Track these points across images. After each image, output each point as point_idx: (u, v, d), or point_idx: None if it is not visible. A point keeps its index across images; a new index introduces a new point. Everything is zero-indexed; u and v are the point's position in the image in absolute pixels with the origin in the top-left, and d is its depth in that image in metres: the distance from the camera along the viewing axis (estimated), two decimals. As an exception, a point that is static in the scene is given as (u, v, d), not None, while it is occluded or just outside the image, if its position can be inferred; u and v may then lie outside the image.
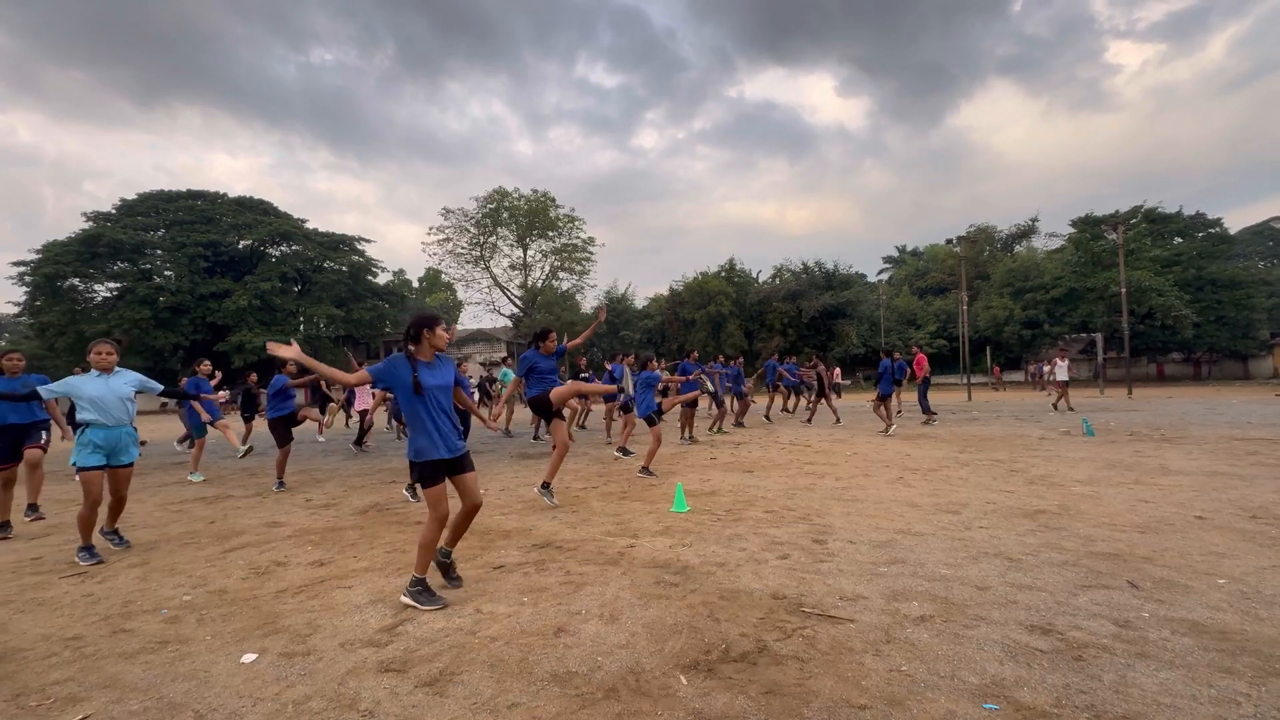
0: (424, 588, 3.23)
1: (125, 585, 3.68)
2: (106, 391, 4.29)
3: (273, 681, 2.40)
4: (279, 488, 7.01)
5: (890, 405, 11.25)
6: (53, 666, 2.60)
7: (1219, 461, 6.91)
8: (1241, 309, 35.23)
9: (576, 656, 2.53)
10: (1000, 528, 4.34)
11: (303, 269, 47.02)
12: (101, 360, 4.35)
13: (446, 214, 48.11)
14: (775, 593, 3.18)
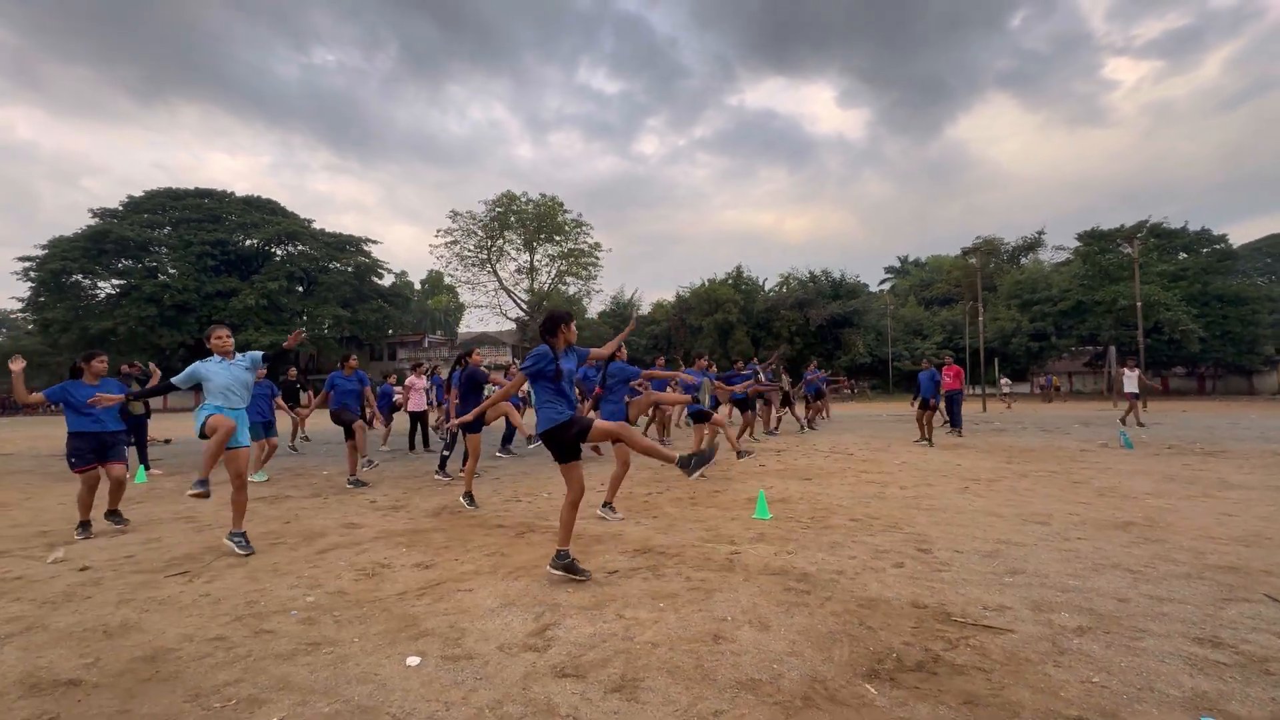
0: (571, 560, 3.55)
1: (236, 585, 3.63)
2: (231, 378, 4.28)
3: (451, 685, 2.37)
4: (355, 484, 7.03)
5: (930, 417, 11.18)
6: (214, 667, 2.56)
7: (1273, 476, 6.93)
8: (1247, 324, 35.52)
9: (750, 664, 2.51)
10: (1098, 539, 4.34)
11: (309, 269, 46.90)
12: (223, 344, 4.35)
13: (454, 216, 48.13)
14: (913, 601, 3.17)
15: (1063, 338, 36.31)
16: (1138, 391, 13.98)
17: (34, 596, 3.48)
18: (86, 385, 5.04)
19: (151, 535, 4.94)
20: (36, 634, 2.93)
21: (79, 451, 4.92)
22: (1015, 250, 44.60)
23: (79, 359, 5.16)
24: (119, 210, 44.75)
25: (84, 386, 5.03)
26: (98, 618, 3.13)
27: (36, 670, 2.55)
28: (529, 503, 6.11)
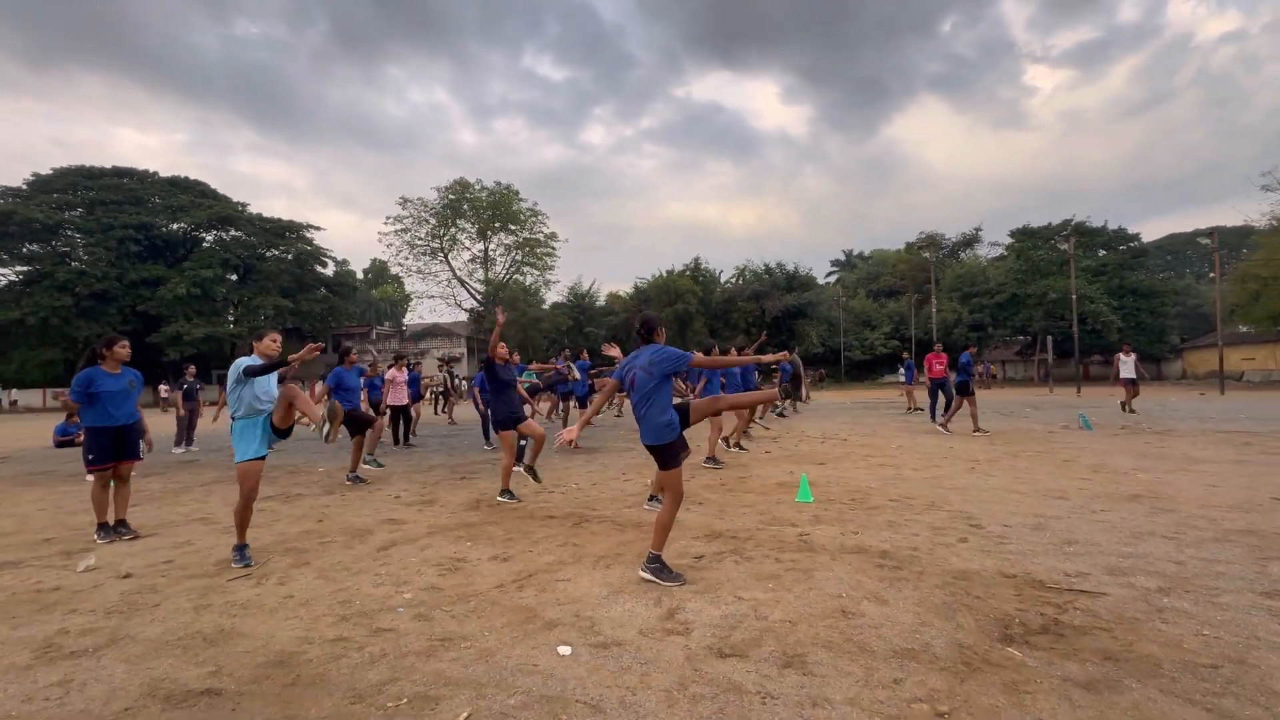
0: (662, 564, 3.42)
1: (313, 585, 3.46)
2: (270, 384, 4.02)
3: (620, 671, 2.38)
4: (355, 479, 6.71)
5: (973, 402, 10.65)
6: (356, 668, 2.46)
7: (1226, 452, 7.70)
8: (1156, 316, 38.98)
9: (894, 635, 2.63)
10: (1120, 511, 4.73)
11: (245, 256, 44.17)
12: (278, 348, 4.09)
13: (404, 203, 46.48)
14: (1000, 572, 3.39)
15: (999, 328, 38.73)
16: (1135, 376, 13.45)
17: (92, 607, 3.21)
18: (109, 374, 4.64)
19: (177, 539, 4.61)
20: (128, 645, 2.72)
21: (100, 448, 4.52)
22: (955, 245, 47.09)
23: (99, 344, 4.74)
24: (23, 190, 40.63)
25: (108, 376, 4.62)
26: (185, 625, 2.93)
27: (157, 682, 2.38)
28: (562, 493, 6.06)
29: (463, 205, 47.20)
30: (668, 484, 3.49)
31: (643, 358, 3.60)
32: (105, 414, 4.55)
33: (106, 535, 4.50)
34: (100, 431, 4.54)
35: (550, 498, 5.88)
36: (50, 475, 8.41)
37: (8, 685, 2.39)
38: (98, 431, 4.53)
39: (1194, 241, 68.57)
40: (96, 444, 4.53)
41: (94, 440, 4.53)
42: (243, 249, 44.22)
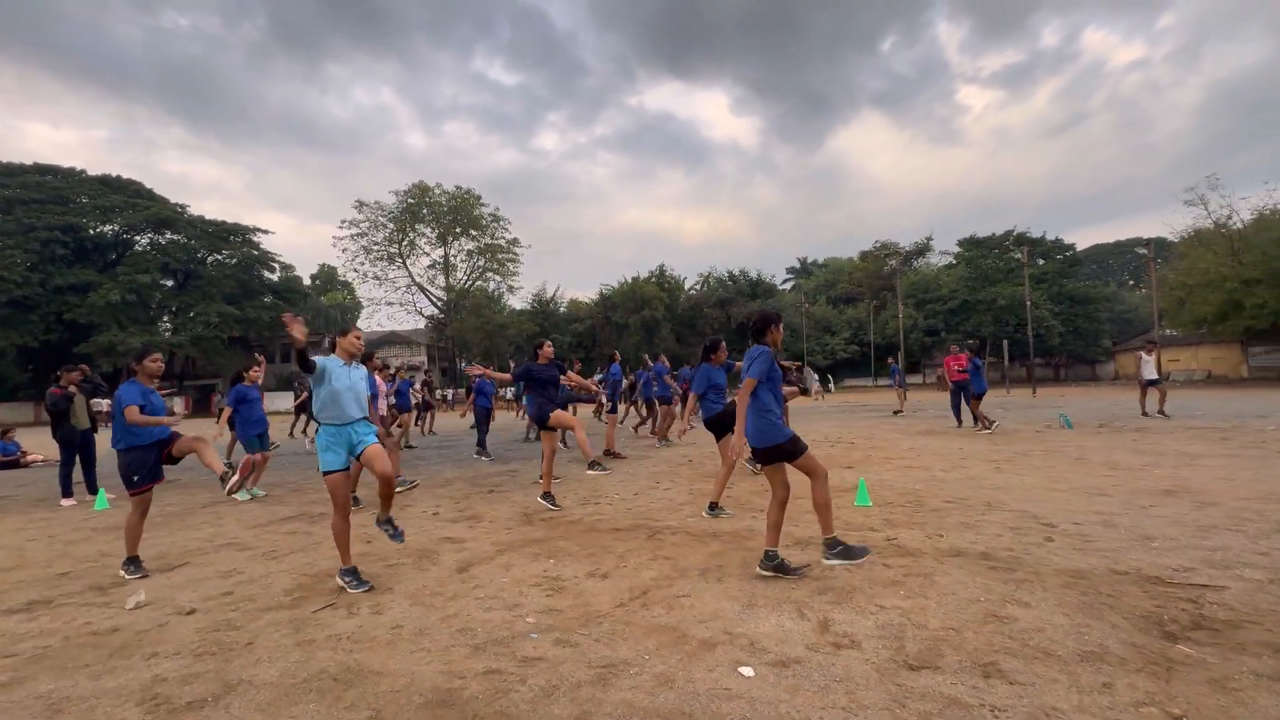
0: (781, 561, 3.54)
1: (416, 613, 3.20)
2: (351, 382, 3.71)
3: (823, 691, 2.28)
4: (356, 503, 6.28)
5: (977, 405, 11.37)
6: (535, 702, 2.26)
7: (1212, 447, 8.23)
8: (1091, 321, 41.69)
9: (1062, 638, 2.63)
10: (1166, 506, 4.95)
11: (185, 261, 41.57)
12: (358, 347, 3.81)
13: (360, 207, 44.80)
14: (1110, 570, 3.47)
15: (951, 333, 40.50)
16: (1158, 377, 12.68)
17: (174, 649, 2.86)
18: (146, 389, 4.20)
19: (219, 568, 4.20)
20: (249, 691, 2.43)
21: (143, 466, 4.06)
22: (909, 254, 49.11)
23: (133, 359, 4.30)
24: (-72, 186, 36.99)
25: (150, 390, 4.18)
26: (300, 664, 2.64)
27: (316, 732, 2.13)
28: (609, 504, 5.88)
29: (422, 209, 45.90)
30: (772, 482, 3.50)
31: (747, 357, 3.63)
32: (144, 431, 4.11)
33: (137, 570, 4.04)
34: (145, 449, 4.09)
35: (598, 508, 5.69)
36: (12, 500, 7.58)
37: (137, 746, 2.08)
38: (142, 450, 4.08)
39: (1116, 252, 73.93)
40: (141, 463, 4.06)
41: (138, 459, 4.06)
42: (183, 253, 41.60)
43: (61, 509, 6.79)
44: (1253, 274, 26.70)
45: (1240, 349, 32.68)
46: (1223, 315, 27.88)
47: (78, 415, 7.22)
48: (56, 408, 7.08)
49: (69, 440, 7.20)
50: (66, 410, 7.13)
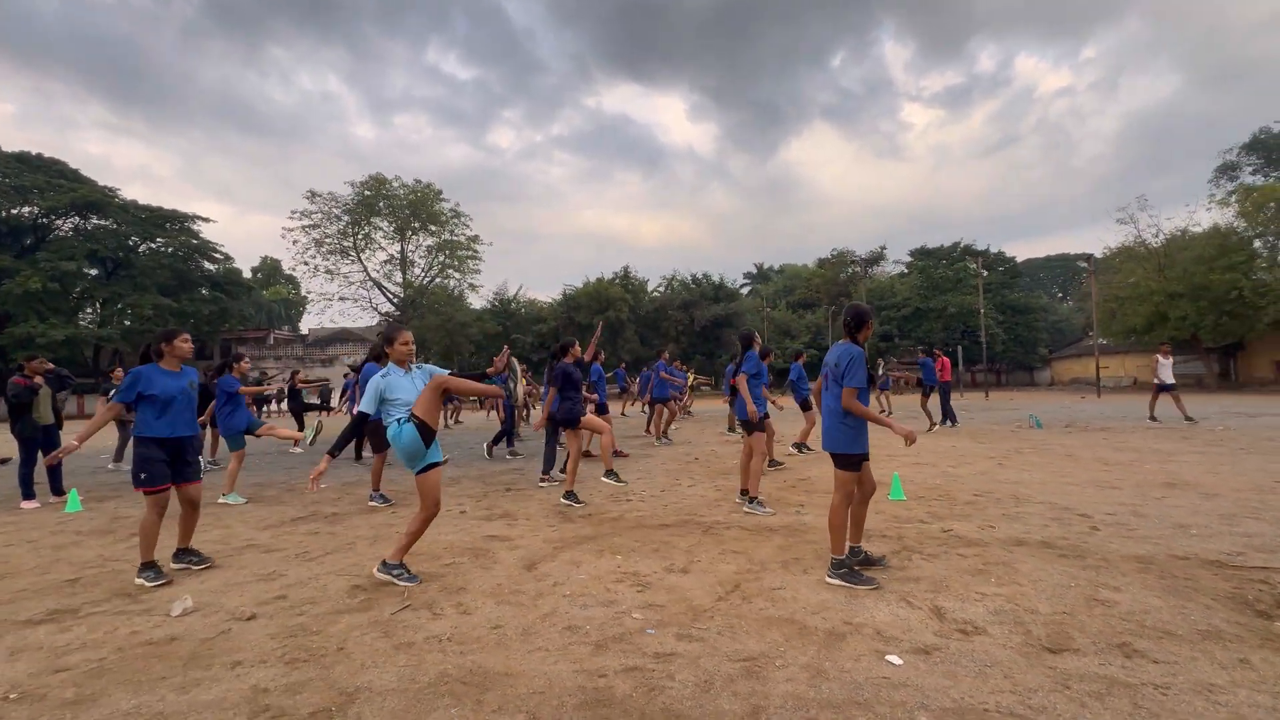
0: (849, 569, 3.34)
1: (508, 612, 3.03)
2: (413, 387, 3.47)
3: (979, 676, 2.28)
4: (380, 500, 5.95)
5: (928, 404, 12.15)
6: (697, 697, 2.17)
7: (1179, 444, 8.84)
8: (1030, 329, 44.28)
9: (1171, 619, 2.73)
10: (1177, 497, 5.27)
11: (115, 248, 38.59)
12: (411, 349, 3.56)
13: (313, 197, 42.72)
14: (1171, 555, 3.64)
15: (904, 339, 42.22)
16: (1173, 382, 12.05)
17: (259, 657, 2.60)
18: (168, 373, 3.81)
19: (255, 570, 3.87)
20: (373, 699, 2.23)
21: (151, 463, 3.65)
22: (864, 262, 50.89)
23: (158, 339, 3.88)
24: None
25: (165, 375, 3.79)
26: (414, 669, 2.45)
27: (477, 738, 1.97)
28: (641, 501, 5.78)
29: (379, 202, 44.24)
30: (836, 485, 3.43)
31: (833, 356, 3.47)
32: (161, 422, 3.72)
33: (157, 577, 3.64)
34: (154, 444, 3.68)
35: (633, 505, 5.58)
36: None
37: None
38: (151, 444, 3.67)
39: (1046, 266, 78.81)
40: (148, 459, 3.65)
41: (146, 455, 3.65)
42: (112, 240, 38.56)
43: (24, 511, 6.13)
44: (1176, 288, 28.99)
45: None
46: (1149, 326, 30.14)
47: (41, 410, 6.54)
48: (19, 400, 6.39)
49: (30, 437, 6.51)
50: (30, 403, 6.45)
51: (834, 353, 3.52)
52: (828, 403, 3.46)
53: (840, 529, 3.39)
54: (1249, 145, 39.92)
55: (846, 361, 3.35)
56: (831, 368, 3.45)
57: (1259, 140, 39.37)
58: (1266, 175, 37.51)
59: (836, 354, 3.46)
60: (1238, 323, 27.51)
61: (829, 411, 3.45)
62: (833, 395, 3.41)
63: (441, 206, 46.09)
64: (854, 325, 3.52)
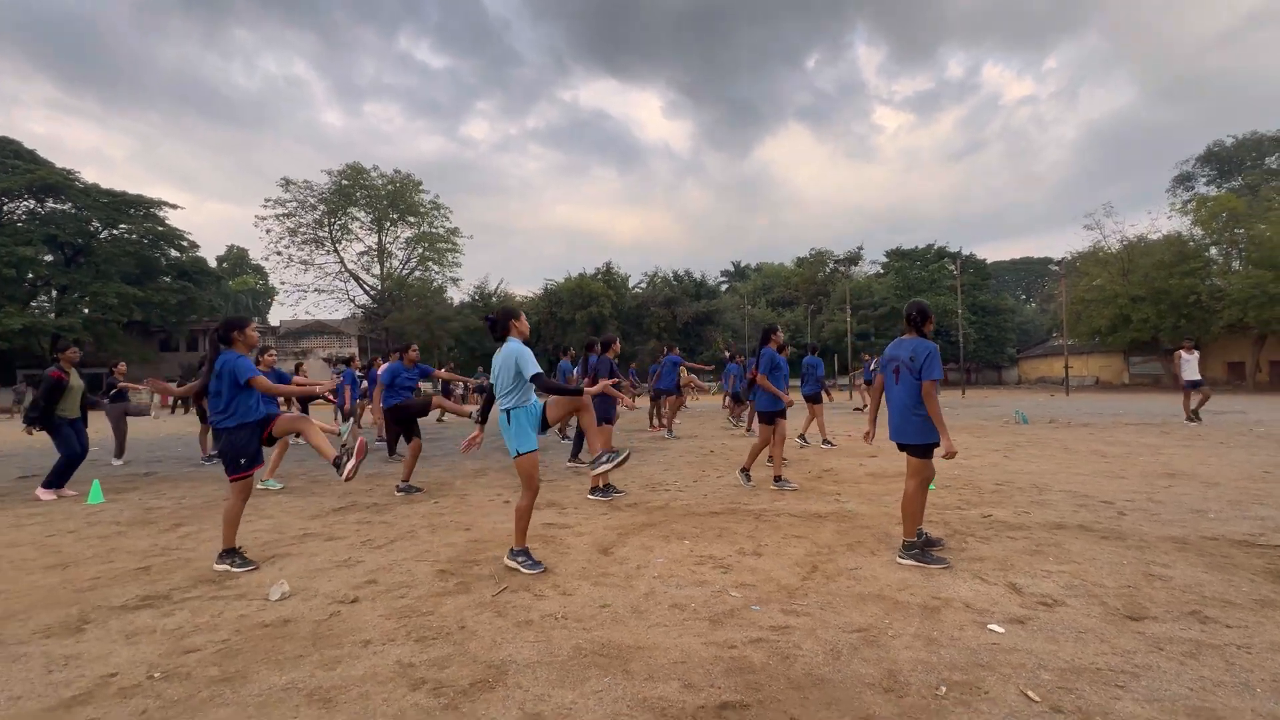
0: (920, 549, 3.56)
1: (608, 593, 3.15)
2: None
3: (1078, 642, 2.49)
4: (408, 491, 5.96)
5: None
6: (833, 662, 2.33)
7: (1161, 439, 9.38)
8: (1000, 330, 45.82)
9: (1224, 591, 3.00)
10: (1180, 486, 5.65)
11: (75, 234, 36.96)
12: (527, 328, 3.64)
13: (287, 185, 41.60)
14: (1200, 536, 3.95)
15: (880, 338, 43.21)
16: (1199, 379, 11.43)
17: (382, 635, 2.66)
18: (248, 360, 3.81)
19: (329, 559, 3.89)
20: (525, 670, 2.32)
21: (248, 447, 3.67)
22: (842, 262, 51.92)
23: (228, 326, 3.86)
24: None
25: (249, 363, 3.79)
26: (545, 644, 2.55)
27: (667, 703, 2.09)
28: (679, 491, 5.92)
29: (356, 192, 43.30)
30: (912, 472, 3.61)
31: (905, 349, 3.63)
32: (255, 406, 3.73)
33: (245, 563, 3.65)
34: (250, 429, 3.70)
35: (674, 495, 5.72)
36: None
37: (468, 727, 1.96)
38: (248, 429, 3.69)
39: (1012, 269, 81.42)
40: (247, 444, 3.67)
41: (244, 440, 3.66)
42: (72, 225, 36.92)
43: (44, 503, 5.95)
44: (1138, 292, 30.40)
45: (1123, 358, 37.12)
46: (1113, 328, 31.56)
47: (69, 402, 6.34)
48: (52, 394, 6.19)
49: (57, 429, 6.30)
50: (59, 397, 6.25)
51: (905, 347, 3.65)
52: (899, 395, 3.62)
53: (915, 514, 3.57)
54: (1203, 157, 42.04)
55: (924, 355, 3.50)
56: (906, 361, 3.58)
57: (1213, 153, 41.48)
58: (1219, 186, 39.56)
59: (910, 348, 3.60)
60: (1195, 325, 28.96)
61: (901, 404, 3.61)
62: (905, 388, 3.58)
63: (421, 198, 45.37)
64: (919, 319, 3.69)
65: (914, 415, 3.56)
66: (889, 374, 3.76)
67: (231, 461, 3.67)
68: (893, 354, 3.74)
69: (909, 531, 3.59)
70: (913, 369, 3.55)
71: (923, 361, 3.50)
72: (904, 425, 3.60)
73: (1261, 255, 26.26)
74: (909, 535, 3.59)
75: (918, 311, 3.71)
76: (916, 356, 3.53)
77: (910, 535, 3.59)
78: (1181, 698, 2.05)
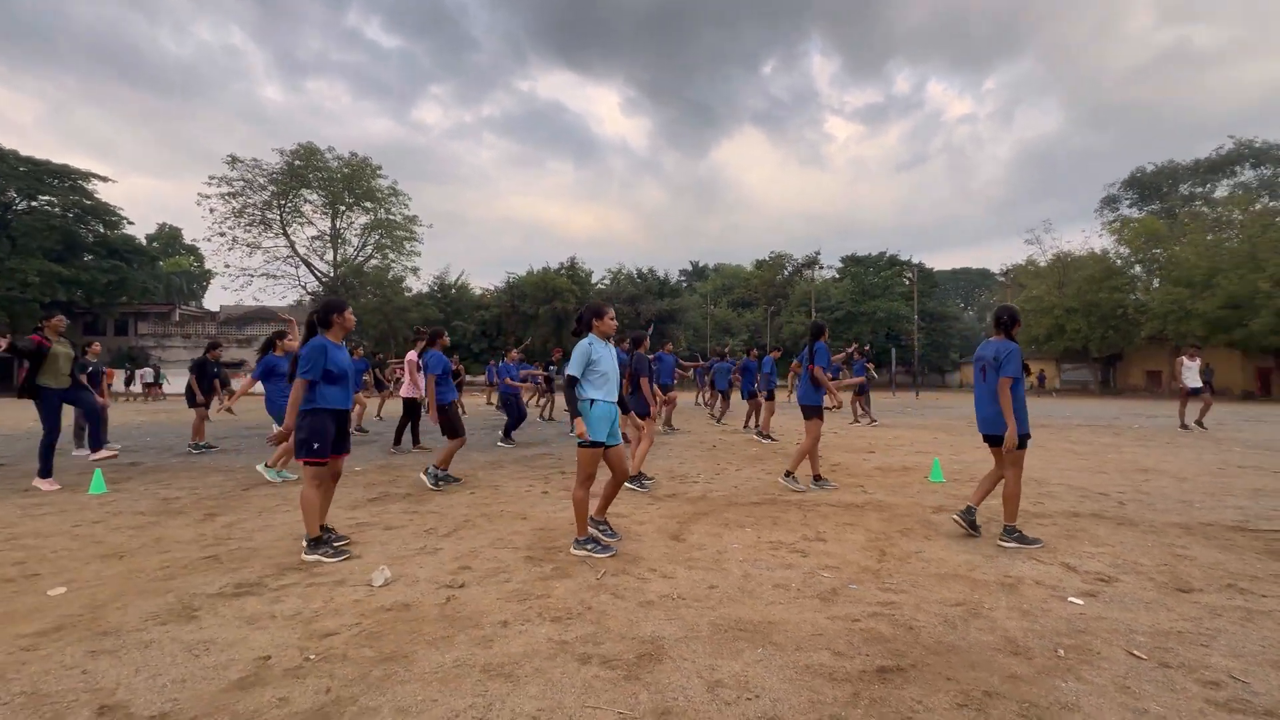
0: (1020, 532, 3.92)
1: (703, 576, 3.30)
2: (614, 361, 3.65)
3: (1148, 607, 2.83)
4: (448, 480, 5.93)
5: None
6: (957, 630, 2.57)
7: (1117, 439, 10.28)
8: (944, 335, 48.37)
9: (1242, 566, 3.44)
10: (1157, 480, 6.27)
11: (-10, 204, 33.85)
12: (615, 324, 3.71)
13: (233, 163, 39.27)
14: (1199, 522, 4.45)
15: (836, 340, 44.85)
16: (1200, 385, 11.15)
17: (510, 618, 2.73)
18: (339, 346, 3.75)
19: (403, 548, 3.88)
20: (682, 644, 2.46)
21: (324, 435, 3.60)
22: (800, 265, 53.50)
23: (326, 309, 3.78)
24: None
25: (338, 347, 3.72)
26: (679, 621, 2.69)
27: (824, 669, 2.27)
28: (709, 484, 6.11)
29: (309, 173, 41.35)
30: (1011, 462, 3.94)
31: (990, 349, 3.95)
32: (337, 394, 3.67)
33: (336, 553, 3.59)
34: (327, 416, 3.64)
35: (699, 486, 5.91)
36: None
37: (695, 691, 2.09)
38: (324, 415, 3.62)
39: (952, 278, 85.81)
40: (323, 431, 3.60)
41: (320, 426, 3.59)
42: (-15, 193, 33.78)
43: (45, 494, 5.57)
44: (1071, 304, 32.80)
45: (1055, 365, 39.96)
46: (1049, 336, 33.97)
47: (58, 369, 5.93)
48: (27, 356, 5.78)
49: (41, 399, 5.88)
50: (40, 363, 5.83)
51: (991, 347, 3.98)
52: (985, 392, 3.93)
53: (1015, 499, 3.89)
54: (1127, 181, 45.58)
55: (1006, 354, 3.84)
56: (991, 360, 3.91)
57: (1135, 178, 45.05)
58: (1141, 209, 43.06)
59: (995, 348, 3.93)
60: (1119, 336, 31.55)
61: (988, 399, 3.91)
62: (990, 385, 3.89)
63: (379, 183, 43.79)
64: (1009, 323, 4.01)
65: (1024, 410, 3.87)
66: (976, 372, 4.08)
67: (302, 446, 3.59)
68: (980, 354, 4.06)
69: (1010, 516, 3.90)
70: (996, 366, 3.86)
71: (1004, 359, 3.83)
72: (994, 418, 3.90)
73: (1179, 274, 28.83)
74: (1009, 519, 3.90)
75: (1008, 316, 4.03)
76: (1000, 355, 3.86)
77: (1011, 519, 3.90)
78: (1259, 652, 2.40)
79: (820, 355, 6.01)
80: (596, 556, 3.60)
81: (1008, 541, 3.85)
